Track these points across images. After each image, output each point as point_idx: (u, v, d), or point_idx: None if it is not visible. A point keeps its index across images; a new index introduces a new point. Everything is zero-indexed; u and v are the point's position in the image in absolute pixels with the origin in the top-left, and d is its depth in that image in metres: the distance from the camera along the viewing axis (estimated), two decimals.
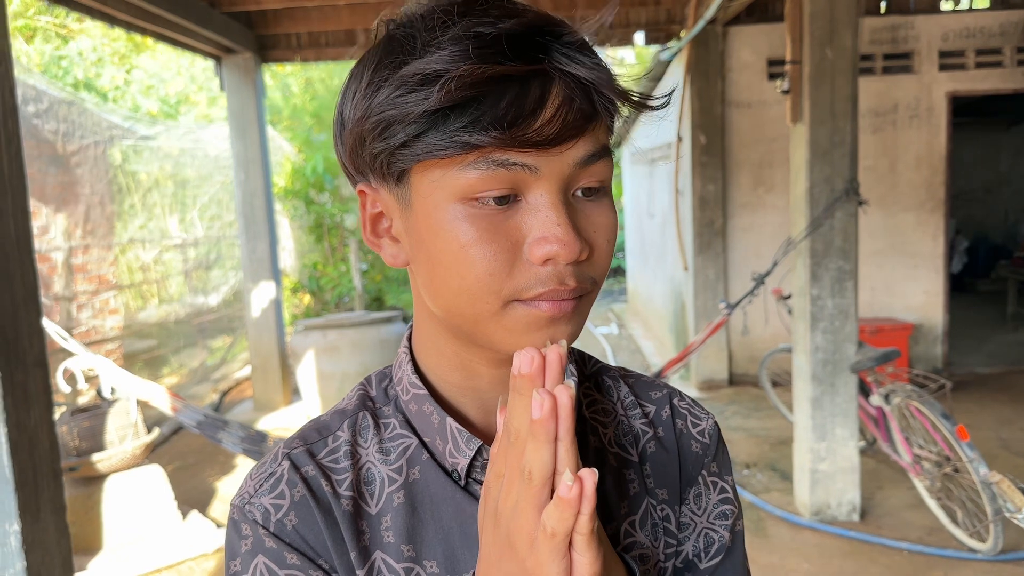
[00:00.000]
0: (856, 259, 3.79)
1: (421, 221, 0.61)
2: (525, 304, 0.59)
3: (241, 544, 0.65)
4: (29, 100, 5.53)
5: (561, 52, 0.57)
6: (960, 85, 6.34)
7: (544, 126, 0.56)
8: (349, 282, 10.25)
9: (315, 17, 6.03)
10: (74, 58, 9.43)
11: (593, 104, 0.58)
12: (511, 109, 0.55)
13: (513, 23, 0.56)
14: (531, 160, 0.57)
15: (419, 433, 0.70)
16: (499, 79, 0.55)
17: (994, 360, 7.06)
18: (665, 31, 6.50)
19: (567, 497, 0.48)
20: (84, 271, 6.11)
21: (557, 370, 0.51)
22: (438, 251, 0.60)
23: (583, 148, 0.59)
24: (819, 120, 3.70)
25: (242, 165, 6.40)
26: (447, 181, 0.58)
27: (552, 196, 0.58)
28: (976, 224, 11.25)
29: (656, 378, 0.84)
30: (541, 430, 0.49)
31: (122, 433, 3.94)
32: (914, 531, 3.80)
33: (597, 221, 0.62)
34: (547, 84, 0.57)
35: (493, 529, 0.55)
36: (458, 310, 0.62)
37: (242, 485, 0.69)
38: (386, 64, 0.59)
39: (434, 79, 0.55)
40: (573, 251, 0.57)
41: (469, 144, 0.56)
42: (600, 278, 0.63)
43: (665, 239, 7.85)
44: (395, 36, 0.61)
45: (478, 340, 0.64)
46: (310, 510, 0.66)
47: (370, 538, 0.67)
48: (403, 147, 0.58)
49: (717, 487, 0.78)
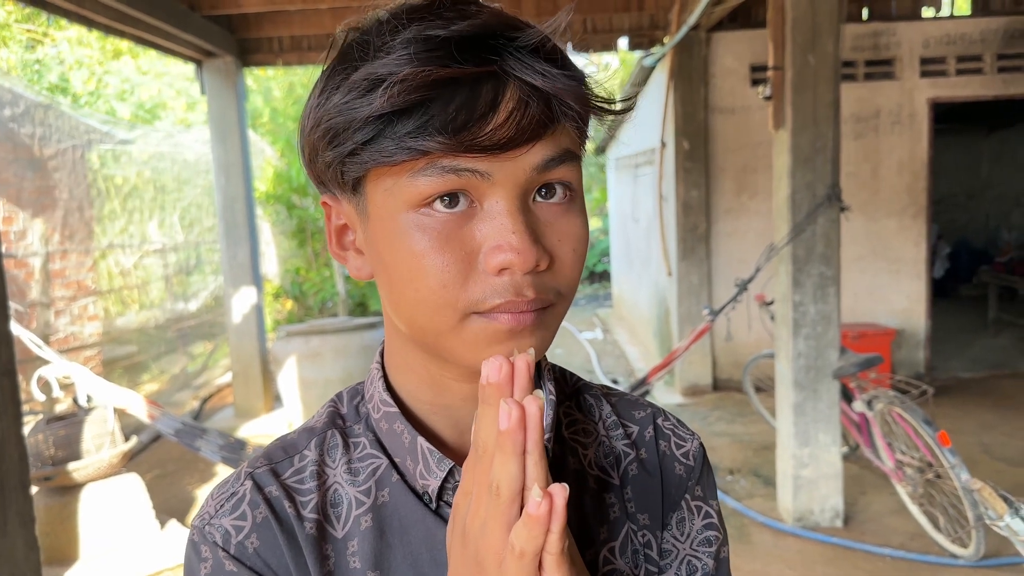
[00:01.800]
0: (838, 265, 3.79)
1: (377, 232, 0.59)
2: (483, 316, 0.57)
3: (200, 567, 0.63)
4: (5, 103, 5.46)
5: (515, 55, 0.55)
6: (941, 92, 6.38)
7: (496, 130, 0.53)
8: (332, 287, 10.20)
9: (297, 21, 5.99)
10: (49, 62, 9.34)
11: (550, 108, 0.56)
12: (460, 113, 0.53)
13: (465, 25, 0.54)
14: (483, 166, 0.55)
15: (390, 453, 0.67)
16: (448, 82, 0.53)
17: (976, 365, 7.10)
18: (649, 36, 6.51)
19: (536, 514, 0.46)
20: (62, 277, 6.04)
21: (525, 379, 0.49)
22: (394, 262, 0.58)
23: (540, 153, 0.56)
24: (801, 126, 3.70)
25: (223, 169, 6.35)
26: (399, 189, 0.56)
27: (508, 203, 0.56)
28: (958, 230, 11.33)
29: (641, 397, 0.81)
30: (508, 441, 0.47)
31: (99, 442, 3.88)
32: (896, 537, 3.80)
33: (562, 229, 0.59)
34: (500, 87, 0.54)
35: (461, 549, 0.53)
36: (418, 323, 0.60)
37: (203, 505, 0.66)
38: (339, 71, 0.58)
39: (379, 83, 0.53)
40: (529, 260, 0.55)
41: (416, 150, 0.53)
42: (566, 289, 0.60)
43: (649, 244, 7.85)
44: (351, 43, 0.59)
45: (442, 354, 0.62)
46: (272, 532, 0.63)
47: (335, 563, 0.64)
48: (352, 155, 0.57)
49: (701, 512, 0.75)
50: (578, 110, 0.57)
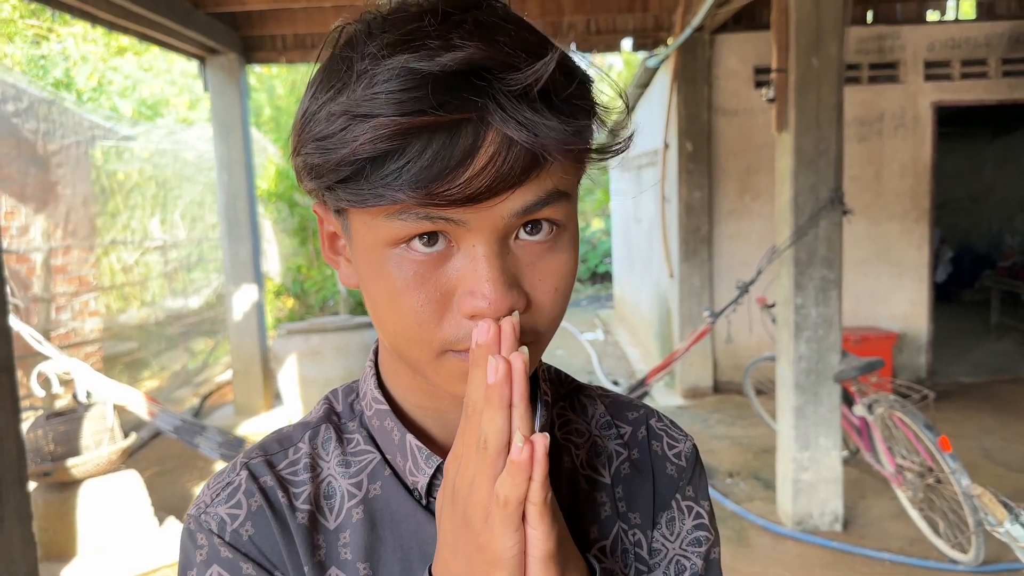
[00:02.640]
0: (840, 268, 3.78)
1: (360, 258, 0.60)
2: (458, 355, 0.57)
3: (196, 554, 0.64)
4: (9, 99, 5.46)
5: (498, 99, 0.51)
6: (945, 95, 6.37)
7: (472, 179, 0.51)
8: (333, 286, 10.19)
9: (300, 18, 5.99)
10: (54, 58, 9.35)
11: (534, 153, 0.53)
12: (436, 162, 0.51)
13: (449, 59, 0.50)
14: (457, 215, 0.53)
15: (382, 449, 0.69)
16: (425, 128, 0.51)
17: (978, 370, 7.08)
18: (653, 38, 6.50)
19: (518, 459, 0.48)
20: (64, 272, 6.04)
21: (511, 339, 0.52)
22: (374, 294, 0.59)
23: (520, 199, 0.54)
24: (804, 129, 3.69)
25: (225, 167, 6.35)
26: (377, 226, 0.56)
27: (484, 247, 0.55)
28: (961, 234, 11.31)
29: (636, 398, 0.81)
30: (495, 394, 0.49)
31: (98, 438, 3.88)
32: (896, 542, 3.79)
33: (544, 268, 0.58)
34: (482, 130, 0.51)
35: (451, 509, 0.54)
36: (399, 350, 0.61)
37: (199, 494, 0.68)
38: (324, 89, 0.56)
39: (357, 121, 0.52)
40: (500, 309, 0.54)
41: (388, 199, 0.52)
42: (545, 327, 0.60)
43: (651, 245, 7.84)
44: (337, 57, 0.57)
45: (423, 379, 0.63)
46: (267, 521, 0.65)
47: (326, 553, 0.65)
48: (330, 190, 0.56)
49: (692, 512, 0.75)
50: (564, 161, 0.55)
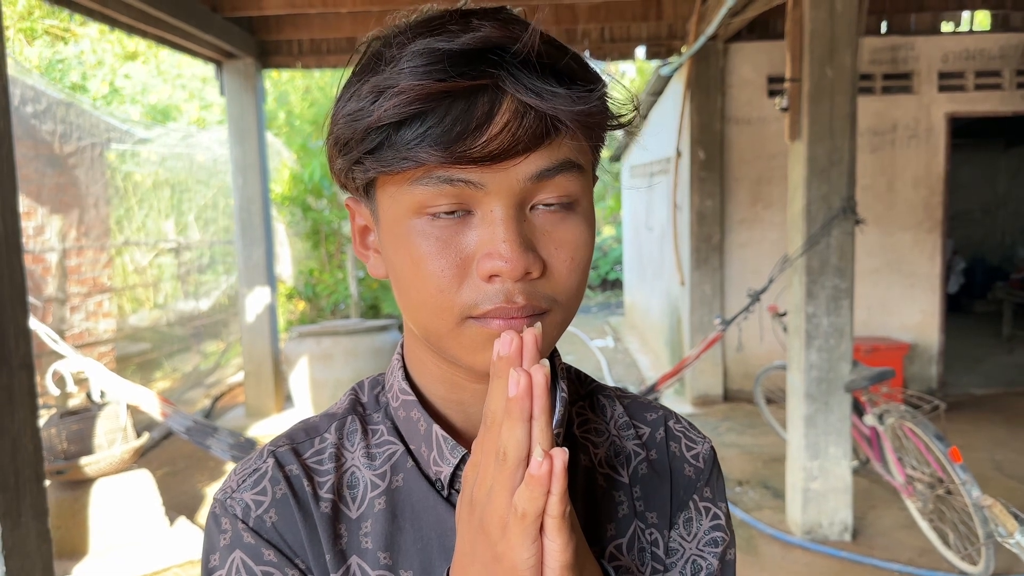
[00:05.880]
0: (852, 278, 3.78)
1: (386, 235, 0.63)
2: (477, 321, 0.59)
3: (220, 538, 0.66)
4: (28, 100, 5.52)
5: (513, 70, 0.56)
6: (959, 106, 6.35)
7: (489, 141, 0.55)
8: (345, 289, 10.23)
9: (317, 24, 6.03)
10: (71, 60, 9.43)
11: (546, 121, 0.57)
12: (456, 125, 0.55)
13: (468, 38, 0.56)
14: (475, 176, 0.57)
15: (406, 440, 0.70)
16: (445, 95, 0.55)
17: (989, 381, 7.04)
18: (666, 46, 6.51)
19: (537, 474, 0.48)
20: (78, 273, 6.09)
21: (533, 351, 0.52)
22: (399, 265, 0.61)
23: (535, 163, 0.58)
24: (817, 138, 3.69)
25: (240, 170, 6.39)
26: (401, 196, 0.59)
27: (501, 211, 0.58)
28: (974, 245, 11.26)
29: (653, 400, 0.82)
30: (516, 407, 0.50)
31: (111, 437, 3.91)
32: (905, 552, 3.78)
33: (560, 237, 0.60)
34: (496, 100, 0.56)
35: (468, 517, 0.55)
36: (421, 324, 0.63)
37: (226, 480, 0.69)
38: (354, 81, 0.61)
39: (382, 95, 0.56)
40: (517, 268, 0.57)
41: (412, 160, 0.56)
42: (562, 296, 0.62)
43: (663, 253, 7.84)
44: (369, 53, 0.62)
45: (445, 355, 0.64)
46: (290, 509, 0.66)
47: (347, 542, 0.67)
48: (359, 163, 0.60)
49: (709, 513, 0.76)
50: (575, 130, 0.58)
